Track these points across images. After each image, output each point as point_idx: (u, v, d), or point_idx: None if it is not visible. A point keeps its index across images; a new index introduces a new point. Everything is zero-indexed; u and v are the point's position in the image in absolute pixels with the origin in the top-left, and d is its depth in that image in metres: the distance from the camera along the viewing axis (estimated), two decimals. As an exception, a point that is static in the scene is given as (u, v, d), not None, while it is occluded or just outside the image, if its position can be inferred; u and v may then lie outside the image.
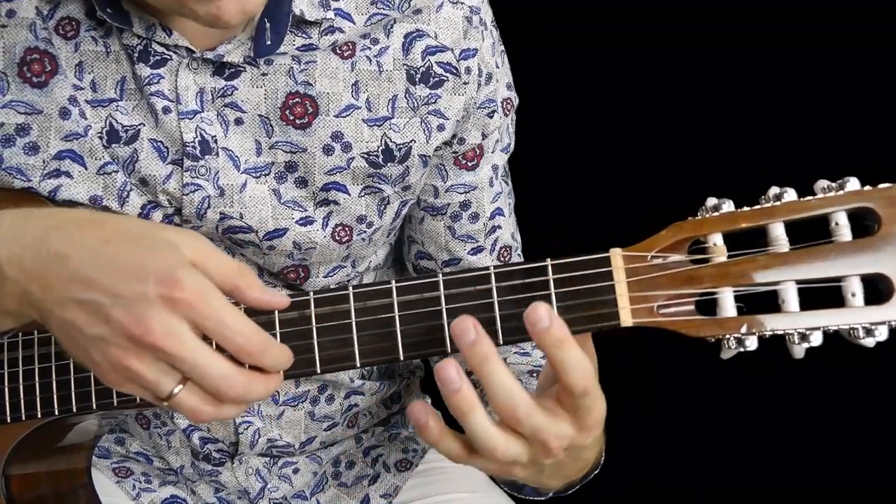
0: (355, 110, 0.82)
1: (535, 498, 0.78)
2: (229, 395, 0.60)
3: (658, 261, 0.61)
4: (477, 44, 0.84)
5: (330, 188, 0.83)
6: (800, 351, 0.60)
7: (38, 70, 0.79)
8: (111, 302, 0.58)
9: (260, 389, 0.61)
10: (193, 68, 0.79)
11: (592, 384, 0.59)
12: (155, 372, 0.59)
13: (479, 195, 0.90)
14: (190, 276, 0.58)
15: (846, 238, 0.59)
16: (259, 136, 0.81)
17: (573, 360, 0.58)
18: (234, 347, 0.60)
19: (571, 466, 0.67)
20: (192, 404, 0.60)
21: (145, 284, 0.57)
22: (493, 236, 0.93)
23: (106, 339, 0.58)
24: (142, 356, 0.58)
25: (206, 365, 0.59)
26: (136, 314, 0.57)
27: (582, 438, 0.61)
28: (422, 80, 0.82)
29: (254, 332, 0.60)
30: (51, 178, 0.80)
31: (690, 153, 1.58)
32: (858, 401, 1.58)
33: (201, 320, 0.58)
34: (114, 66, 0.80)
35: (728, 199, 0.61)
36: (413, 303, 0.64)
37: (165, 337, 0.57)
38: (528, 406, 0.59)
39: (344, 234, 0.85)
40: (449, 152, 0.87)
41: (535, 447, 0.61)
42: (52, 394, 0.74)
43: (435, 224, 0.92)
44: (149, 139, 0.80)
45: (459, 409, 0.59)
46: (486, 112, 0.86)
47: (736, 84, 1.59)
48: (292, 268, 0.87)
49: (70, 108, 0.79)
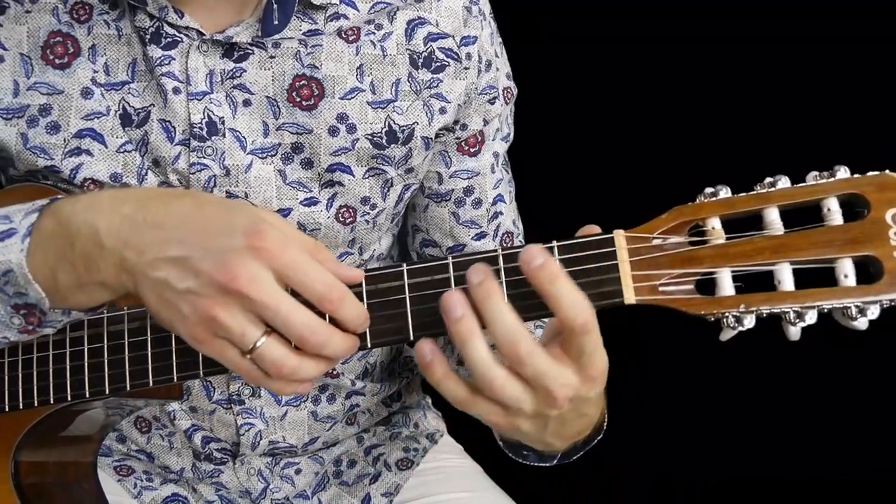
0: (360, 93, 0.85)
1: (538, 464, 0.78)
2: (311, 343, 0.61)
3: (659, 242, 0.63)
4: (476, 32, 0.88)
5: (335, 169, 0.86)
6: (795, 332, 0.62)
7: (61, 52, 0.81)
8: (201, 255, 0.60)
9: (339, 343, 0.63)
10: (203, 50, 0.82)
11: (592, 322, 0.60)
12: (240, 322, 0.61)
13: (482, 181, 0.94)
14: (273, 229, 0.61)
15: (838, 222, 0.62)
16: (266, 117, 0.84)
17: (568, 293, 0.59)
18: (316, 295, 0.61)
19: (575, 423, 0.67)
20: (275, 355, 0.61)
21: (232, 237, 0.60)
22: (496, 222, 0.96)
23: (195, 290, 0.61)
24: (228, 306, 0.60)
25: (290, 311, 0.60)
26: (224, 262, 0.60)
27: (586, 389, 0.62)
28: (424, 65, 0.86)
29: (333, 281, 0.62)
30: (72, 157, 0.82)
31: (690, 145, 1.61)
32: (854, 381, 1.60)
33: (283, 269, 0.60)
34: (125, 49, 0.82)
35: (725, 186, 0.64)
36: (423, 284, 0.66)
37: (251, 283, 0.59)
38: (530, 344, 0.60)
39: (348, 216, 0.88)
40: (452, 138, 0.91)
41: (540, 395, 0.61)
42: (66, 379, 0.75)
43: (439, 210, 0.94)
44: (158, 120, 0.82)
45: (460, 336, 0.60)
46: (488, 98, 0.90)
47: (733, 78, 1.63)
48: None
49: (93, 89, 0.81)
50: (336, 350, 0.63)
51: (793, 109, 1.59)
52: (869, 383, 1.60)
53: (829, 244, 0.61)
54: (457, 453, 1.06)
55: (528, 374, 0.60)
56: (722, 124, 1.62)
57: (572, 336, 0.60)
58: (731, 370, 1.50)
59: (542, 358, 0.60)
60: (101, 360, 0.73)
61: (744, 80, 1.64)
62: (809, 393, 1.61)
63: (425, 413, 1.08)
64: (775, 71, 1.62)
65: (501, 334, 0.60)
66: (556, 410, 0.62)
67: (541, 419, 0.64)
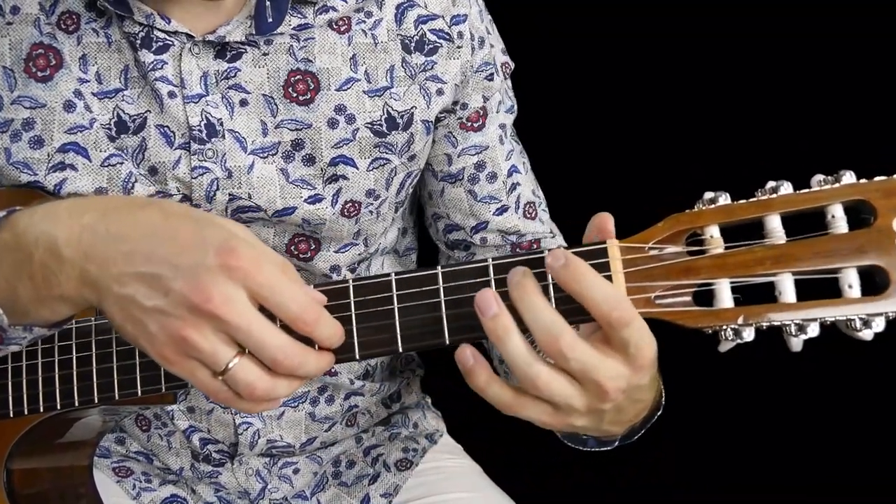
0: (355, 83, 0.84)
1: (599, 449, 0.75)
2: (284, 366, 0.59)
3: (655, 252, 0.61)
4: (466, 10, 0.87)
5: (338, 162, 0.84)
6: (797, 343, 0.61)
7: (43, 65, 0.80)
8: (171, 273, 0.58)
9: (313, 363, 0.61)
10: (195, 53, 0.81)
11: (629, 313, 0.57)
12: (212, 342, 0.59)
13: (493, 154, 0.93)
14: (247, 246, 0.59)
15: (842, 230, 0.60)
16: (264, 115, 0.83)
17: (598, 289, 0.57)
18: (289, 315, 0.60)
19: (631, 409, 0.64)
20: (248, 377, 0.59)
21: (205, 254, 0.58)
22: (515, 193, 0.95)
23: (165, 310, 0.58)
24: (200, 326, 0.58)
25: (263, 333, 0.59)
26: (196, 282, 0.57)
27: (637, 378, 0.60)
28: (416, 49, 0.85)
29: (308, 301, 0.60)
30: (56, 172, 0.80)
31: (688, 147, 1.59)
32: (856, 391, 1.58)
33: (257, 288, 0.58)
34: (116, 56, 0.81)
35: (725, 192, 0.62)
36: (412, 295, 0.64)
37: (225, 304, 0.57)
38: (571, 337, 0.57)
39: (353, 210, 0.87)
40: (454, 119, 0.90)
41: (590, 390, 0.59)
42: (55, 388, 0.74)
43: (456, 191, 0.94)
44: (156, 125, 0.81)
45: (496, 333, 0.58)
46: (485, 75, 0.89)
47: (733, 79, 1.60)
48: (303, 238, 0.87)
49: (75, 102, 0.80)
50: (310, 371, 0.61)
51: (796, 110, 1.56)
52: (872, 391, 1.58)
53: (833, 253, 0.59)
54: (456, 453, 1.05)
55: (573, 369, 0.58)
56: (722, 126, 1.59)
57: (612, 331, 0.58)
58: (731, 375, 1.49)
59: (587, 350, 0.58)
60: (89, 370, 0.73)
61: (745, 79, 1.60)
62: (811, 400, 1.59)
63: (424, 413, 1.07)
64: (777, 69, 1.59)
65: (540, 330, 0.58)
66: (610, 404, 0.60)
67: (596, 414, 0.61)
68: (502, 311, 0.59)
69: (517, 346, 0.58)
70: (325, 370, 0.62)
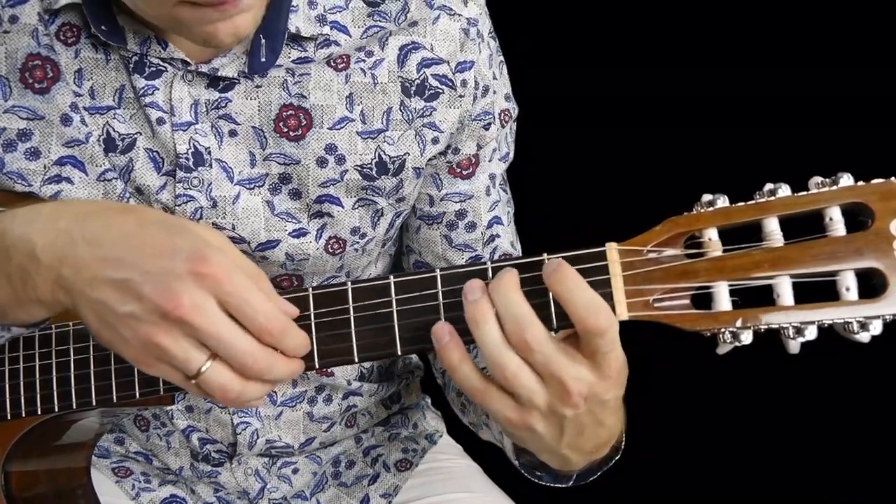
0: (349, 123, 0.82)
1: (553, 484, 0.76)
2: (254, 370, 0.61)
3: (653, 255, 0.61)
4: (474, 56, 0.83)
5: (323, 200, 0.83)
6: (795, 346, 0.61)
7: (40, 76, 0.79)
8: (142, 279, 0.59)
9: (282, 368, 0.62)
10: (188, 80, 0.80)
11: (607, 323, 0.59)
12: (184, 348, 0.60)
13: (476, 204, 0.90)
14: (218, 254, 0.59)
15: (840, 233, 0.60)
16: (253, 147, 0.82)
17: (581, 295, 0.59)
18: (256, 326, 0.61)
19: (592, 433, 0.65)
20: (219, 381, 0.61)
21: (175, 261, 0.59)
22: (492, 245, 0.92)
23: (136, 315, 0.59)
24: (171, 332, 0.59)
25: (232, 338, 0.60)
26: (167, 289, 0.58)
27: (602, 388, 0.61)
28: (416, 93, 0.82)
29: (275, 313, 0.61)
30: (51, 184, 0.80)
31: (686, 150, 1.59)
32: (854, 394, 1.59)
33: (226, 297, 0.59)
34: (113, 75, 0.80)
35: (723, 195, 0.62)
36: (411, 299, 0.64)
37: (194, 310, 0.58)
38: (539, 331, 0.60)
39: (337, 247, 0.86)
40: (443, 161, 0.87)
41: (553, 388, 0.61)
42: (53, 390, 0.74)
43: (431, 233, 0.91)
44: (145, 149, 0.81)
45: (473, 318, 0.61)
46: (482, 124, 0.86)
47: (731, 81, 1.60)
48: (285, 276, 0.87)
49: (71, 115, 0.80)
50: (279, 375, 0.62)
51: (794, 112, 1.55)
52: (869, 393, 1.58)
53: (831, 256, 0.60)
54: (456, 454, 1.05)
55: (537, 362, 0.60)
56: (720, 128, 1.59)
57: (587, 336, 0.60)
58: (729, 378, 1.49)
59: (552, 346, 0.60)
60: (87, 372, 0.73)
61: (743, 82, 1.60)
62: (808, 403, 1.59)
63: (424, 413, 1.07)
64: (775, 71, 1.59)
65: (509, 319, 0.60)
66: (571, 409, 0.61)
67: (556, 418, 0.63)
68: (483, 297, 0.61)
69: (491, 331, 0.61)
70: (294, 375, 0.64)
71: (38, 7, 0.79)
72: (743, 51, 1.61)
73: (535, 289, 0.62)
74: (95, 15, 0.77)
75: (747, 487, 1.61)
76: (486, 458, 1.03)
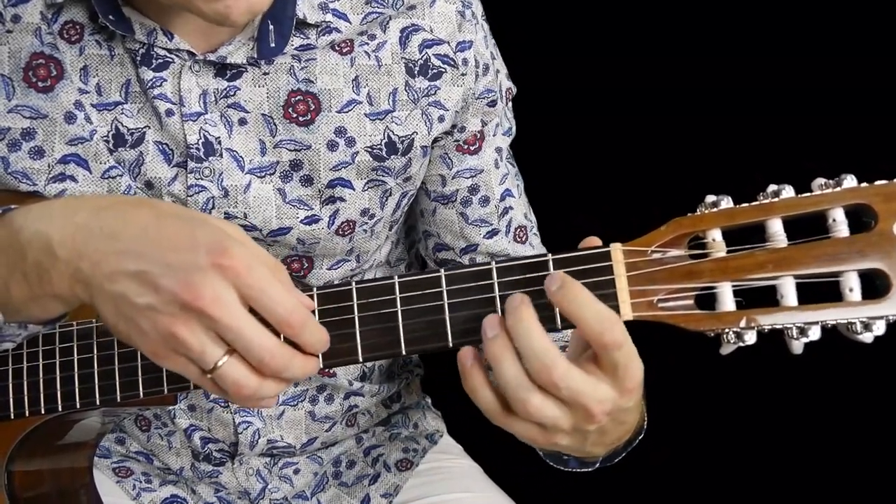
0: (357, 105, 0.84)
1: (580, 469, 0.76)
2: (271, 367, 0.60)
3: (658, 255, 0.61)
4: (472, 36, 0.86)
5: (335, 184, 0.84)
6: (798, 346, 0.61)
7: (44, 75, 0.80)
8: (161, 271, 0.58)
9: (299, 366, 0.62)
10: (195, 70, 0.80)
11: (621, 336, 0.59)
12: (202, 341, 0.59)
13: (487, 178, 0.92)
14: (238, 247, 0.59)
15: (843, 234, 0.60)
16: (263, 135, 0.82)
17: (592, 311, 0.59)
18: (276, 318, 0.60)
19: (614, 431, 0.66)
20: (235, 377, 0.60)
21: (196, 253, 0.58)
22: (507, 217, 0.94)
23: (155, 307, 0.59)
24: (190, 324, 0.59)
25: (251, 334, 0.59)
26: (187, 280, 0.58)
27: (624, 401, 0.61)
28: (420, 73, 0.84)
29: (296, 306, 0.61)
30: (56, 182, 0.80)
31: (690, 151, 1.59)
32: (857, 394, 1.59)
33: (247, 289, 0.59)
34: (118, 70, 0.81)
35: (727, 196, 0.62)
36: (415, 298, 0.64)
37: (214, 302, 0.58)
38: (563, 367, 0.59)
39: (347, 228, 0.87)
40: (450, 141, 0.89)
41: (578, 413, 0.60)
42: (56, 390, 0.74)
43: (447, 212, 0.93)
44: (154, 141, 0.81)
45: (494, 355, 0.60)
46: (487, 101, 0.88)
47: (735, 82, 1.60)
48: (296, 257, 0.88)
49: (75, 113, 0.80)
50: (295, 374, 0.62)
51: (797, 114, 1.55)
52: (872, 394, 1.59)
53: (835, 257, 0.60)
54: (456, 454, 1.05)
55: (564, 396, 0.60)
56: (724, 130, 1.58)
57: (603, 352, 0.60)
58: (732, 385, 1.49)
59: (578, 378, 0.60)
60: (91, 371, 0.73)
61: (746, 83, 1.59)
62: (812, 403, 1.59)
63: (425, 413, 1.07)
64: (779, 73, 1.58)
65: (533, 357, 0.60)
66: (595, 425, 0.62)
67: (580, 434, 0.63)
68: (502, 333, 0.60)
69: (511, 367, 0.60)
70: (310, 374, 0.63)
71: (40, 6, 0.80)
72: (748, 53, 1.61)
73: (540, 289, 0.61)
74: (103, 5, 0.78)
75: (752, 488, 1.60)
76: (487, 458, 1.04)
